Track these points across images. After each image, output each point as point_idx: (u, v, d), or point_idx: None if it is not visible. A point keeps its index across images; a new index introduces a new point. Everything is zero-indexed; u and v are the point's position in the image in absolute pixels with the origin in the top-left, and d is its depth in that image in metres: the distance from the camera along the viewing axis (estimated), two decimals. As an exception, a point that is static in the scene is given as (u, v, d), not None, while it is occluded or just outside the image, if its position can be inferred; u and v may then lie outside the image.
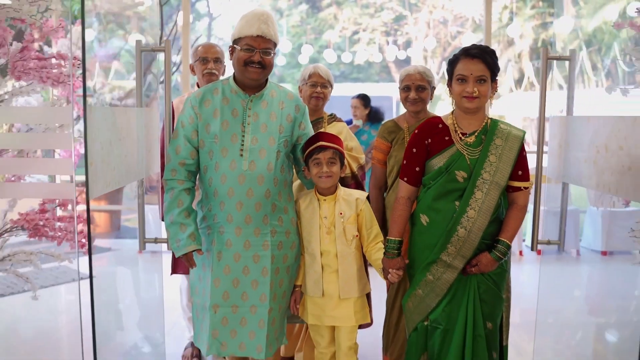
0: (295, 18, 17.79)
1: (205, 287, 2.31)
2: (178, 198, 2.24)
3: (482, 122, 2.15)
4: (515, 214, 2.16)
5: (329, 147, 2.27)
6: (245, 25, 2.19)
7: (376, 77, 18.89)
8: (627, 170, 2.00)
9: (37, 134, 2.09)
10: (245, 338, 2.31)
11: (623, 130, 2.04)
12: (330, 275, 2.35)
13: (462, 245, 2.13)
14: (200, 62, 2.84)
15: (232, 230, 2.25)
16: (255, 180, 2.23)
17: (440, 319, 2.19)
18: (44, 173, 2.39)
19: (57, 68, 2.37)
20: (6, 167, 2.18)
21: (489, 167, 2.12)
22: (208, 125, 2.23)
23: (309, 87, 2.71)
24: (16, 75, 2.38)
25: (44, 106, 2.33)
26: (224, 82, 2.28)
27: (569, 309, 3.02)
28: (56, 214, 2.49)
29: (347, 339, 2.39)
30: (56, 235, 2.45)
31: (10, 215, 2.73)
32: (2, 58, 2.40)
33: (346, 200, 2.36)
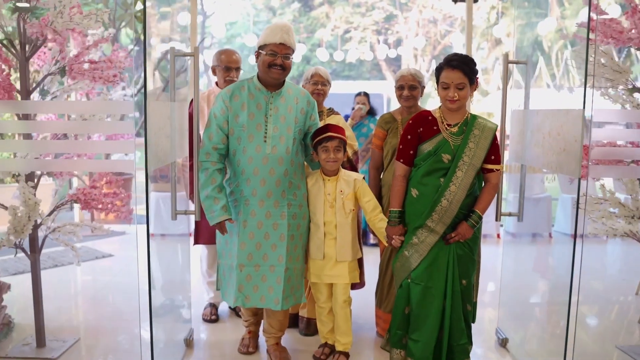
0: (288, 17, 18.27)
1: (232, 250, 2.84)
2: (212, 176, 2.76)
3: (463, 116, 2.68)
4: (488, 190, 2.71)
5: (335, 137, 2.81)
6: (270, 34, 2.71)
7: (367, 75, 19.42)
8: (562, 151, 2.60)
9: (106, 121, 2.66)
10: (265, 292, 2.82)
11: (560, 120, 2.64)
12: (330, 241, 2.91)
13: (444, 213, 2.65)
14: (223, 69, 3.41)
15: (256, 203, 2.77)
16: (277, 162, 2.76)
17: (420, 278, 2.69)
18: (111, 152, 2.93)
19: (107, 70, 2.93)
20: (78, 146, 2.75)
21: (468, 152, 2.64)
22: (237, 116, 2.75)
23: (311, 86, 3.30)
24: (72, 76, 2.94)
25: (102, 100, 2.90)
26: (249, 80, 2.82)
27: (533, 281, 3.58)
28: (102, 190, 3.05)
29: (342, 294, 2.96)
30: (105, 208, 3.01)
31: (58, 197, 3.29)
32: (61, 62, 2.96)
33: (346, 180, 2.91)
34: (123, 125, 2.72)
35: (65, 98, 3.01)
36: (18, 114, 2.84)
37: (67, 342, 3.21)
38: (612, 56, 2.95)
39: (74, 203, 3.05)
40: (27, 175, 2.89)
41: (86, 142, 2.78)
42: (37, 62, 2.99)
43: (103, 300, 4.19)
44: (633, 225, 3.05)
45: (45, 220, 2.94)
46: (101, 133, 2.77)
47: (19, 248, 2.96)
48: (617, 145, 2.90)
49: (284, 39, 2.69)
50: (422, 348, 2.70)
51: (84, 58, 2.94)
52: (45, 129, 2.83)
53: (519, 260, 3.71)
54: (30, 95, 2.91)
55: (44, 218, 2.91)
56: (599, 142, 2.95)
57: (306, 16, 18.56)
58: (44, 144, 2.79)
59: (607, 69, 2.92)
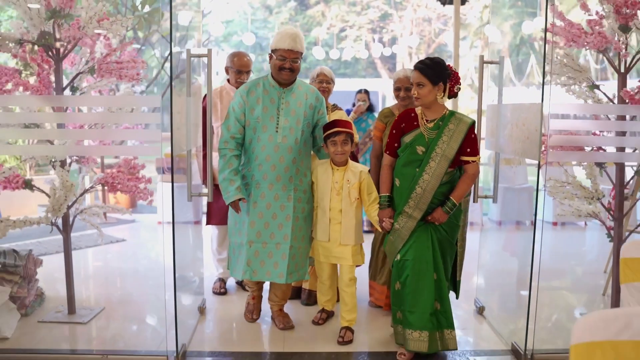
0: (285, 15, 18.69)
1: (242, 229, 3.23)
2: (229, 162, 3.15)
3: (441, 113, 2.99)
4: (464, 179, 3.00)
5: (343, 131, 3.16)
6: (280, 40, 3.09)
7: (363, 73, 19.87)
8: (526, 139, 3.07)
9: (135, 113, 3.11)
10: (271, 267, 3.18)
11: (524, 112, 3.11)
12: (335, 225, 3.24)
13: (419, 200, 2.97)
14: (235, 72, 3.86)
15: (266, 186, 3.16)
16: (286, 150, 3.15)
17: (408, 255, 2.99)
18: (139, 139, 3.37)
19: (132, 69, 3.37)
20: (110, 135, 3.19)
21: (441, 144, 2.94)
22: (253, 109, 3.15)
23: (318, 84, 3.75)
24: (101, 74, 3.39)
25: (130, 95, 3.35)
26: (264, 78, 3.22)
27: (507, 261, 4.02)
28: (127, 175, 3.49)
29: (347, 273, 3.29)
30: (128, 190, 3.45)
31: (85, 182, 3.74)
32: (91, 62, 3.41)
33: (353, 171, 3.24)
34: (151, 116, 3.17)
35: (97, 93, 3.45)
36: (53, 107, 3.29)
37: (94, 311, 3.67)
38: (573, 57, 3.40)
39: (101, 186, 3.50)
40: (61, 161, 3.33)
41: (117, 130, 3.23)
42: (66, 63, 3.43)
43: (120, 278, 4.67)
44: (594, 206, 3.51)
45: (79, 200, 3.38)
46: (131, 123, 3.22)
47: (54, 226, 3.40)
48: (578, 134, 3.35)
49: (291, 45, 3.07)
50: (419, 317, 2.94)
51: (110, 58, 3.38)
52: (86, 120, 3.30)
53: (499, 244, 4.19)
54: (63, 91, 3.35)
55: (77, 198, 3.35)
56: (565, 132, 3.40)
57: (302, 15, 18.96)
58: (81, 132, 3.24)
59: (568, 69, 3.38)
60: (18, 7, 3.16)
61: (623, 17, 3.28)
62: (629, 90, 3.25)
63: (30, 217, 3.29)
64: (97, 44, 3.41)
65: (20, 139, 3.98)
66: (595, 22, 3.31)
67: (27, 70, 3.39)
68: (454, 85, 2.98)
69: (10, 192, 3.34)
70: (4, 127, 3.16)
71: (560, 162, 3.45)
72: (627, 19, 3.27)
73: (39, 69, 3.23)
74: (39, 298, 3.75)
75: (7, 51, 3.30)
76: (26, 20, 3.20)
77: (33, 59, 3.21)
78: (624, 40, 3.31)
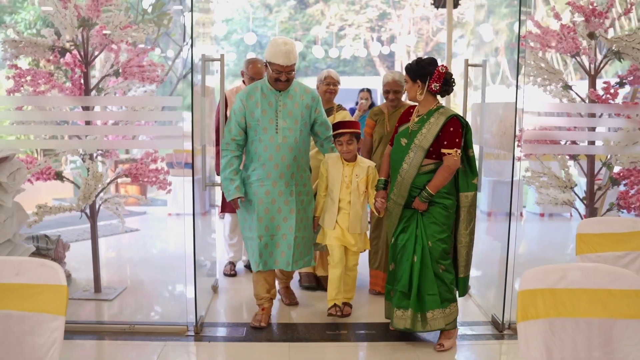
0: (284, 14, 19.07)
1: (252, 225, 3.46)
2: (230, 162, 3.39)
3: (429, 108, 3.22)
4: (440, 171, 3.15)
5: (347, 132, 3.44)
6: (274, 56, 3.26)
7: (362, 71, 20.26)
8: (503, 134, 3.52)
9: (159, 111, 3.55)
10: (279, 256, 3.46)
11: (502, 111, 3.55)
12: (343, 215, 3.52)
13: (400, 187, 3.23)
14: (249, 79, 4.25)
15: (270, 184, 3.40)
16: (287, 150, 3.38)
17: (399, 239, 3.29)
18: (162, 134, 3.80)
19: (152, 72, 3.81)
20: (136, 131, 3.63)
21: (420, 137, 3.17)
22: (252, 112, 3.38)
23: (325, 86, 4.09)
24: (125, 77, 3.82)
25: (151, 96, 3.80)
26: (262, 82, 3.47)
27: (492, 248, 4.45)
28: (148, 167, 3.93)
29: (352, 260, 3.62)
30: (150, 180, 3.89)
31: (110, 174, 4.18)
32: (116, 65, 3.84)
33: (361, 166, 3.53)
34: (173, 114, 3.61)
35: (121, 94, 3.89)
36: (81, 106, 3.72)
37: (117, 289, 4.11)
38: (548, 60, 3.84)
39: (125, 177, 3.94)
40: (90, 154, 3.77)
41: (146, 127, 3.67)
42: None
43: (138, 262, 5.14)
44: (567, 194, 3.94)
45: (106, 189, 3.82)
46: (154, 120, 3.65)
47: (83, 212, 3.84)
48: (551, 130, 3.79)
49: (285, 62, 3.27)
50: (398, 296, 3.26)
51: (133, 62, 3.82)
52: (117, 118, 3.74)
53: (485, 231, 4.62)
54: (91, 92, 3.79)
55: (105, 187, 3.79)
56: (540, 127, 3.83)
57: (302, 13, 19.32)
58: (110, 129, 3.68)
59: (544, 71, 3.81)
60: (54, 18, 3.59)
61: (592, 25, 3.71)
62: (594, 90, 3.69)
63: (64, 204, 3.73)
64: (122, 49, 3.84)
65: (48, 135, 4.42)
66: (569, 29, 3.74)
67: (58, 73, 3.83)
68: (431, 84, 3.17)
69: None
70: (41, 124, 3.60)
71: (537, 155, 3.89)
72: (595, 27, 3.70)
73: (72, 72, 3.67)
74: (68, 278, 4.19)
75: (41, 56, 3.73)
76: (60, 28, 3.63)
77: (67, 63, 3.64)
78: (592, 46, 3.74)
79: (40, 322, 1.86)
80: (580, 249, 2.71)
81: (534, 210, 7.06)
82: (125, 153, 6.97)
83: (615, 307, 1.91)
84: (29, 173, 3.71)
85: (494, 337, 3.47)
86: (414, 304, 3.21)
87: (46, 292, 1.88)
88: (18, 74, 3.66)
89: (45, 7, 3.57)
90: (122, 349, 3.23)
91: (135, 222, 6.55)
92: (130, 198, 4.44)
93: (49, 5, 3.54)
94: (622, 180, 3.83)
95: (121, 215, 4.08)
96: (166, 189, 3.94)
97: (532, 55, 3.78)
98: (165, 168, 3.94)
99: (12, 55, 3.68)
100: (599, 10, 3.68)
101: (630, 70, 3.73)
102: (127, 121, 3.68)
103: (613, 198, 3.97)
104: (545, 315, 1.91)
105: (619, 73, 3.89)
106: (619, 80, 3.78)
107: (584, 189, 3.96)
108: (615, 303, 1.91)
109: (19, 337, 1.87)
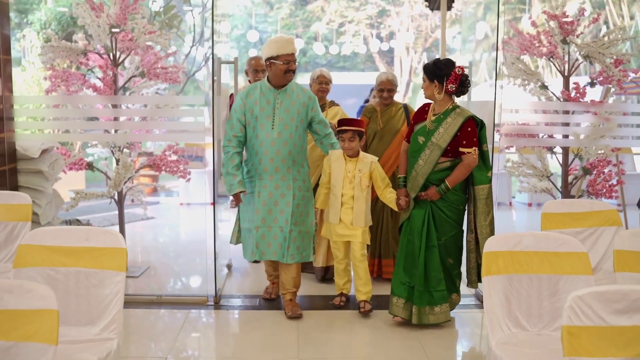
0: (285, 11, 19.52)
1: (250, 217, 3.65)
2: (232, 158, 3.58)
3: (445, 107, 3.39)
4: (459, 167, 3.33)
5: (348, 129, 3.60)
6: (282, 47, 3.49)
7: (362, 66, 20.74)
8: (493, 127, 4.04)
9: (183, 108, 4.08)
10: (276, 248, 3.61)
11: (483, 108, 4.07)
12: (346, 210, 3.67)
13: (413, 182, 3.43)
14: (253, 72, 4.74)
15: (267, 177, 3.58)
16: (282, 144, 3.55)
17: (405, 229, 3.49)
18: (184, 129, 4.33)
19: (174, 73, 4.33)
20: (161, 125, 4.16)
21: (437, 135, 3.34)
22: (252, 110, 3.57)
23: (317, 84, 4.34)
24: (149, 77, 4.34)
25: (175, 94, 4.32)
26: (262, 82, 3.66)
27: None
28: (170, 158, 4.45)
29: (359, 249, 3.69)
30: (172, 170, 4.41)
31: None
32: (141, 67, 4.36)
33: (364, 162, 3.66)
34: (195, 111, 4.14)
35: (143, 93, 4.41)
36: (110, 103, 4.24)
37: (142, 268, 4.64)
38: (526, 63, 4.36)
39: (149, 167, 4.46)
40: (119, 147, 4.29)
41: (166, 122, 4.20)
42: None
43: (157, 245, 5.70)
44: (544, 183, 4.47)
45: (134, 176, 4.35)
46: (178, 117, 4.18)
47: (112, 198, 4.36)
48: (528, 125, 4.32)
49: (293, 49, 3.54)
50: (396, 284, 3.49)
51: (158, 64, 4.34)
52: (147, 114, 4.25)
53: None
54: (119, 91, 4.30)
55: (133, 175, 4.32)
56: (520, 123, 4.35)
57: (302, 10, 19.75)
58: (136, 124, 4.20)
59: (522, 72, 4.33)
60: (90, 27, 4.10)
61: (565, 31, 4.22)
62: (565, 90, 4.22)
63: (97, 190, 4.27)
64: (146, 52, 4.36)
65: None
66: (547, 33, 4.25)
67: (89, 74, 4.35)
68: (448, 84, 3.35)
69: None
70: (76, 119, 4.12)
71: (517, 148, 4.41)
72: (568, 33, 4.22)
73: (104, 73, 4.19)
74: (96, 258, 4.72)
75: (74, 60, 4.25)
76: (94, 35, 4.14)
77: (101, 66, 4.16)
78: (566, 51, 4.26)
79: (106, 277, 2.39)
80: (545, 225, 3.24)
81: (522, 200, 7.59)
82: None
83: (560, 266, 2.44)
84: (64, 164, 4.24)
85: (476, 307, 3.99)
86: (412, 296, 3.42)
87: (110, 254, 2.41)
88: (54, 75, 4.18)
89: (82, 17, 4.08)
90: (153, 315, 3.76)
91: (150, 211, 7.08)
92: (149, 187, 4.95)
93: (85, 16, 4.05)
94: (593, 169, 4.36)
95: (144, 202, 4.60)
96: (186, 177, 4.45)
97: (511, 58, 4.30)
98: (185, 159, 4.46)
99: (50, 58, 4.20)
100: (571, 19, 4.20)
101: (600, 71, 4.25)
102: (150, 117, 4.21)
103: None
104: (505, 272, 2.44)
105: (589, 74, 4.42)
106: (590, 81, 4.30)
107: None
108: (560, 263, 2.44)
109: (89, 289, 2.40)
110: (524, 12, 14.98)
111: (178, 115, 4.17)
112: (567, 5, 4.39)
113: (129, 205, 5.67)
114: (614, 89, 4.31)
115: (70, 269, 2.39)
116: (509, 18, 17.50)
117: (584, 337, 1.71)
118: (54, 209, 4.16)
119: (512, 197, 7.60)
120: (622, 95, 4.82)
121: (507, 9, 17.19)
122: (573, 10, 4.32)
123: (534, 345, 2.34)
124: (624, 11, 13.16)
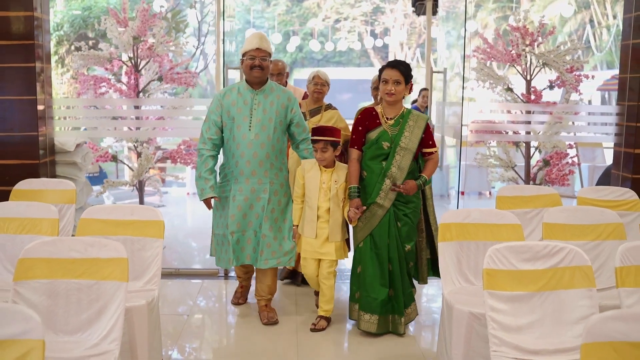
0: (282, 7, 20.18)
1: (224, 222, 3.51)
2: (205, 161, 3.46)
3: (399, 111, 3.38)
4: (430, 163, 3.44)
5: (320, 139, 3.35)
6: (248, 42, 3.45)
7: (357, 61, 21.42)
8: (456, 124, 4.80)
9: (196, 108, 4.82)
10: (250, 252, 3.51)
11: (455, 107, 4.83)
12: (322, 223, 3.44)
13: (388, 191, 3.34)
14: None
15: (243, 180, 3.45)
16: (259, 146, 3.42)
17: (369, 244, 3.39)
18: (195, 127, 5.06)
19: (189, 78, 5.07)
20: (177, 123, 4.92)
21: (404, 139, 3.34)
22: (229, 111, 3.46)
23: (313, 86, 4.10)
24: (166, 81, 5.08)
25: (187, 97, 5.07)
26: (240, 83, 3.58)
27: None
28: (183, 152, 5.20)
29: (327, 267, 3.48)
30: (185, 162, 5.16)
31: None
32: (159, 72, 5.10)
33: (340, 172, 3.45)
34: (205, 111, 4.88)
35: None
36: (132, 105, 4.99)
37: (159, 248, 5.39)
38: (493, 68, 5.11)
39: (165, 158, 5.22)
40: (142, 142, 5.04)
41: (189, 121, 4.96)
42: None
43: (169, 229, 6.38)
44: (510, 173, 5.23)
45: (153, 167, 5.10)
46: (193, 115, 4.93)
47: (133, 186, 5.11)
48: (492, 122, 5.07)
49: (259, 44, 3.43)
50: (370, 302, 3.37)
51: (174, 70, 5.08)
52: (167, 114, 5.00)
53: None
54: (139, 94, 5.04)
55: (153, 165, 5.07)
56: (485, 120, 5.10)
57: (299, 6, 20.39)
58: (157, 122, 4.95)
59: (490, 76, 5.08)
60: (115, 39, 4.84)
61: (526, 42, 4.98)
62: (525, 93, 4.99)
63: (122, 179, 5.02)
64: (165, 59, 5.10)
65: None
66: (513, 43, 5.01)
67: (114, 78, 5.09)
68: (411, 87, 3.45)
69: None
70: (104, 118, 4.87)
71: (486, 143, 5.17)
72: (529, 43, 4.97)
73: (127, 78, 4.93)
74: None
75: (101, 65, 4.99)
76: (119, 45, 4.88)
77: (126, 72, 4.91)
78: (527, 59, 5.02)
79: (148, 242, 3.13)
80: (499, 206, 3.99)
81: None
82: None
83: (499, 234, 3.19)
84: (94, 156, 4.99)
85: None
86: (386, 310, 3.43)
87: (151, 225, 3.15)
88: (84, 79, 4.92)
89: (110, 30, 4.82)
90: (173, 284, 4.51)
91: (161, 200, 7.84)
92: (164, 177, 5.70)
93: (112, 29, 4.79)
94: (550, 161, 5.13)
95: (160, 189, 5.36)
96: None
97: (480, 64, 5.05)
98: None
99: (81, 65, 4.94)
100: (531, 31, 4.96)
101: (558, 76, 5.00)
102: (168, 117, 4.96)
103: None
104: (456, 239, 3.19)
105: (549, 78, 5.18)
106: (549, 84, 5.06)
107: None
108: (499, 232, 3.19)
109: (134, 252, 3.14)
110: (512, 10, 15.73)
111: (193, 116, 4.91)
112: (543, 12, 5.15)
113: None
114: (569, 92, 5.08)
115: (120, 237, 3.11)
116: (499, 15, 18.30)
117: (498, 276, 2.46)
118: (85, 196, 4.91)
119: (492, 187, 8.36)
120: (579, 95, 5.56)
121: (497, 7, 17.92)
122: (536, 23, 5.07)
123: (477, 295, 3.08)
124: (608, 10, 13.93)
